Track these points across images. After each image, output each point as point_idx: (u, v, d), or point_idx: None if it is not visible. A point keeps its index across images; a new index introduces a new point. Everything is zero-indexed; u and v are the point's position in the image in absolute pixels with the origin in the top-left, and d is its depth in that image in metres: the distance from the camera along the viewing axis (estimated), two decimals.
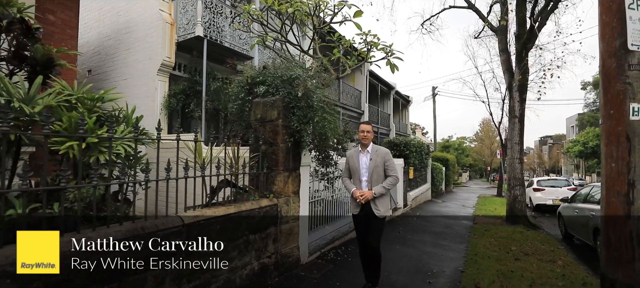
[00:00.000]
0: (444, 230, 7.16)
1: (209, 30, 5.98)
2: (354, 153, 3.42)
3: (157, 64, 5.77)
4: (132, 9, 6.40)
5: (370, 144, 3.36)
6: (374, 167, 3.25)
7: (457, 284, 3.80)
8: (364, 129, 3.35)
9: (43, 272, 1.77)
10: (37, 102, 2.96)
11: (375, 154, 3.31)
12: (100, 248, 1.97)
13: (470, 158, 47.27)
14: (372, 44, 6.01)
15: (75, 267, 1.90)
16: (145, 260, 2.20)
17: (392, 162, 3.36)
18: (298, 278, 3.64)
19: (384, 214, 3.26)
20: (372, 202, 3.19)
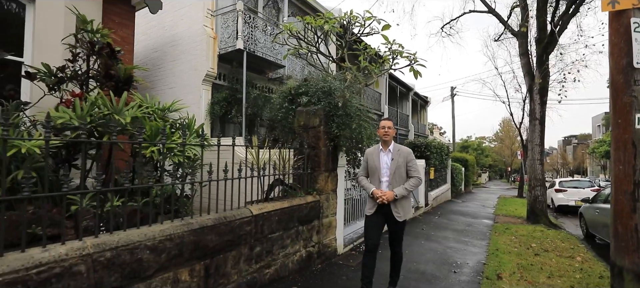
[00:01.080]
0: (465, 228, 7.50)
1: (247, 43, 6.58)
2: (373, 152, 3.24)
3: (202, 75, 6.42)
4: (177, 25, 7.09)
5: (392, 142, 3.19)
6: (396, 167, 3.06)
7: (480, 274, 4.20)
8: (385, 125, 3.16)
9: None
10: (124, 113, 3.59)
11: (397, 154, 3.11)
12: (198, 233, 2.53)
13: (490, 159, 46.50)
14: (397, 53, 6.47)
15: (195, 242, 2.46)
16: (227, 242, 2.76)
17: (415, 162, 3.18)
18: (337, 266, 4.14)
19: (405, 218, 3.08)
20: (392, 205, 3.00)
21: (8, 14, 4.47)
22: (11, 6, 4.46)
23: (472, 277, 4.06)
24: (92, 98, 3.46)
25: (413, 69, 6.58)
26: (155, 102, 4.19)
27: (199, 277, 2.49)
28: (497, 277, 4.07)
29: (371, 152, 3.28)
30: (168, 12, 6.88)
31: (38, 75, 3.79)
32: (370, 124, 4.34)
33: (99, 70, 3.95)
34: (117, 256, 1.98)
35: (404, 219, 3.09)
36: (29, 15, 4.53)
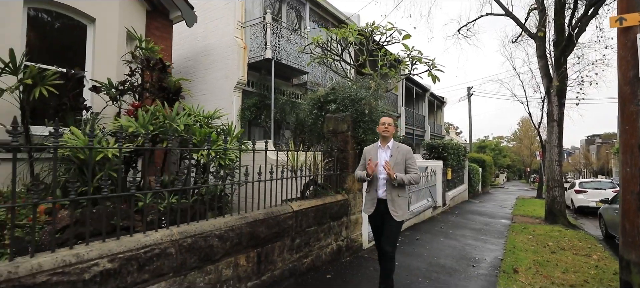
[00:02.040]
0: (482, 227, 7.74)
1: (274, 52, 7.05)
2: (372, 148, 3.23)
3: (233, 82, 6.93)
4: (209, 36, 7.64)
5: (391, 139, 3.17)
6: (394, 164, 3.02)
7: (497, 268, 4.50)
8: (386, 122, 3.13)
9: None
10: (177, 121, 4.09)
11: (396, 151, 3.10)
12: (252, 225, 2.98)
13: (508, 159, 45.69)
14: (416, 59, 6.81)
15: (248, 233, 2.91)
16: (274, 234, 3.20)
17: (414, 160, 3.13)
18: (364, 259, 4.54)
19: (402, 218, 3.03)
20: (389, 203, 2.98)
21: (72, 34, 5.08)
22: (75, 27, 5.07)
23: (490, 271, 4.38)
24: (152, 109, 3.98)
25: (432, 74, 6.90)
26: (201, 110, 4.70)
27: (252, 263, 2.95)
28: (514, 271, 4.37)
29: (369, 149, 3.26)
30: (200, 24, 7.43)
31: (102, 88, 4.36)
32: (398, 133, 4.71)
33: (152, 82, 4.50)
34: (195, 242, 2.45)
35: (401, 220, 3.02)
36: (90, 34, 5.13)
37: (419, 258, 4.74)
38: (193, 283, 2.42)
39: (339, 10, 10.66)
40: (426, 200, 8.61)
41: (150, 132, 3.73)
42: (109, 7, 5.24)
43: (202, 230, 2.52)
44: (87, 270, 1.86)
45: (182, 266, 2.36)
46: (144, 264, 2.13)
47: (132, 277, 2.06)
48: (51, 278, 1.73)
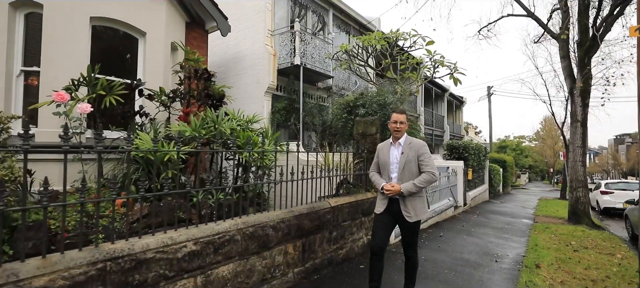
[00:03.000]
0: (504, 226, 7.89)
1: (302, 59, 7.47)
2: (384, 146, 3.10)
3: (264, 87, 7.39)
4: (240, 44, 8.14)
5: (403, 135, 2.99)
6: (405, 161, 2.85)
7: (519, 263, 4.74)
8: (397, 119, 2.95)
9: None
10: (223, 125, 4.55)
11: (407, 147, 2.91)
12: (298, 218, 3.38)
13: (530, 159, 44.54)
14: (438, 63, 7.07)
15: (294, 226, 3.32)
16: (315, 227, 3.59)
17: (428, 155, 2.90)
18: (391, 253, 4.86)
19: (416, 219, 2.79)
20: (401, 203, 2.79)
21: (126, 47, 5.66)
22: (129, 41, 5.64)
23: (512, 266, 4.62)
24: (202, 114, 4.46)
25: (453, 77, 7.15)
26: (241, 115, 5.16)
27: (298, 251, 3.35)
28: (536, 266, 4.59)
29: (382, 146, 3.13)
30: (232, 33, 7.93)
31: (155, 96, 4.88)
32: (418, 132, 5.01)
33: (199, 90, 4.99)
34: (255, 231, 2.87)
35: (416, 220, 2.81)
36: (141, 47, 5.69)
37: (443, 253, 5.03)
38: (253, 266, 2.84)
39: (360, 15, 10.98)
40: (448, 200, 8.82)
41: (203, 135, 4.21)
42: (157, 22, 5.79)
43: (260, 221, 2.94)
44: (179, 251, 2.30)
45: (245, 251, 2.78)
46: (218, 248, 2.56)
47: (209, 258, 2.49)
48: (155, 255, 2.18)
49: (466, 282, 3.86)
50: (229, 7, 8.10)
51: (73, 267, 1.81)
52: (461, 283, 3.81)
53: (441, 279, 3.90)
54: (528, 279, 4.05)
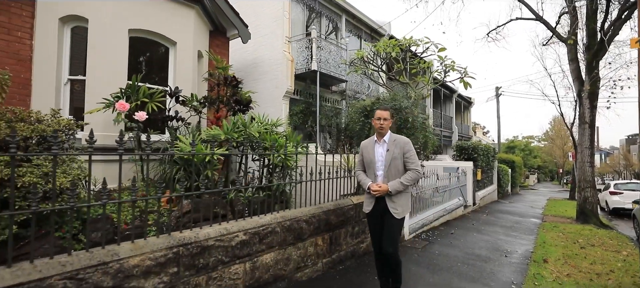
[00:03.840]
0: (513, 225, 8.15)
1: (319, 64, 7.85)
2: (368, 143, 3.04)
3: (282, 92, 7.79)
4: (258, 50, 8.54)
5: (388, 132, 2.95)
6: (391, 159, 2.83)
7: (528, 258, 5.04)
8: (381, 116, 2.88)
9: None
10: (251, 129, 4.92)
11: (392, 144, 2.88)
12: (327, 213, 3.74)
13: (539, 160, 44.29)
14: (449, 67, 7.39)
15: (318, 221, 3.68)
16: (340, 221, 3.96)
17: (413, 153, 2.90)
18: (407, 248, 5.21)
19: (402, 215, 2.84)
20: (388, 199, 2.80)
21: (159, 56, 6.10)
22: (161, 50, 6.07)
23: (521, 260, 4.92)
24: (233, 119, 4.85)
25: (464, 80, 7.45)
26: (266, 118, 5.55)
27: (327, 244, 3.72)
28: (543, 260, 4.89)
29: (366, 144, 3.07)
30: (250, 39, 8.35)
31: (188, 102, 5.29)
32: (433, 134, 5.35)
33: (228, 96, 5.39)
34: (291, 224, 3.25)
35: (402, 216, 2.86)
36: (172, 55, 6.12)
37: (455, 249, 5.35)
38: (290, 256, 3.22)
39: (371, 20, 11.32)
40: (458, 199, 9.10)
41: (234, 138, 4.60)
42: (186, 32, 6.21)
43: (295, 216, 3.31)
44: (232, 239, 2.69)
45: (284, 241, 3.16)
46: (263, 238, 2.94)
47: (255, 246, 2.88)
48: (215, 243, 2.56)
49: (478, 273, 4.19)
50: (248, 14, 8.51)
51: (156, 250, 2.21)
52: (474, 274, 4.14)
53: (455, 271, 4.23)
54: (536, 272, 4.36)
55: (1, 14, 4.83)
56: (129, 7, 5.42)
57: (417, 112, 5.19)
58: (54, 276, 1.77)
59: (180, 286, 2.32)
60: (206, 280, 2.48)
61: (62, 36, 5.20)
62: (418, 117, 5.20)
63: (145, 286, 2.12)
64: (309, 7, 9.22)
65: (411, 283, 3.72)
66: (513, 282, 3.97)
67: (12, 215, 1.83)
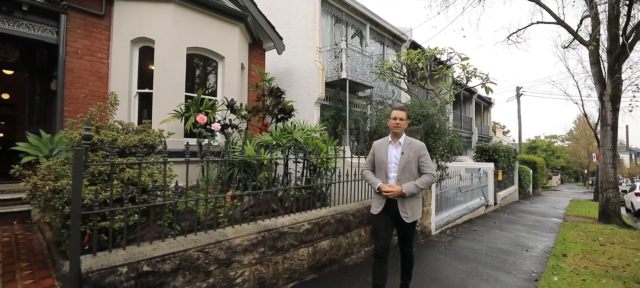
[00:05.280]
0: (534, 224, 8.50)
1: (348, 73, 8.46)
2: (382, 144, 2.98)
3: (314, 99, 8.45)
4: (291, 60, 9.24)
5: (403, 134, 2.92)
6: (405, 162, 2.79)
7: (547, 253, 5.48)
8: (397, 116, 2.85)
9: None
10: (296, 135, 5.56)
11: (407, 147, 2.84)
12: (368, 208, 4.35)
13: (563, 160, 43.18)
14: (471, 74, 7.85)
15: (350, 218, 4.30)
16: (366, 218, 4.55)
17: (428, 157, 2.88)
18: (434, 242, 5.75)
19: (413, 219, 2.81)
20: (400, 204, 2.77)
21: (210, 68, 6.86)
22: (212, 63, 6.84)
23: (541, 254, 5.38)
24: (280, 125, 5.53)
25: (485, 85, 7.89)
26: (306, 125, 6.21)
27: (368, 235, 4.33)
28: (563, 255, 5.33)
29: (379, 144, 3.02)
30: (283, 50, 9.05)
31: (238, 111, 6.02)
32: (459, 138, 5.86)
33: (273, 105, 6.09)
34: (342, 217, 3.88)
35: (413, 221, 2.83)
36: (220, 68, 6.87)
37: (479, 243, 5.85)
38: (341, 243, 3.85)
39: (394, 27, 11.83)
40: (479, 199, 9.51)
41: (283, 143, 5.28)
42: (232, 47, 6.97)
43: (344, 210, 3.95)
44: (300, 227, 3.35)
45: (336, 231, 3.80)
46: (321, 228, 3.59)
47: (315, 235, 3.53)
48: (288, 230, 3.23)
49: (501, 263, 4.70)
50: (281, 26, 9.23)
51: (250, 234, 2.89)
52: (497, 264, 4.65)
53: (480, 261, 4.75)
54: (555, 264, 4.82)
55: (86, 38, 5.70)
56: (187, 28, 6.20)
57: (443, 118, 5.72)
58: (191, 249, 2.47)
59: (265, 262, 2.99)
60: (282, 259, 3.15)
61: (132, 55, 6.03)
62: (444, 124, 5.73)
63: (244, 260, 2.80)
64: (336, 17, 9.85)
65: (442, 269, 4.28)
66: (533, 271, 4.47)
67: (139, 207, 2.55)
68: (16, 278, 2.76)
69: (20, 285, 2.65)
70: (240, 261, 2.77)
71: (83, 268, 1.98)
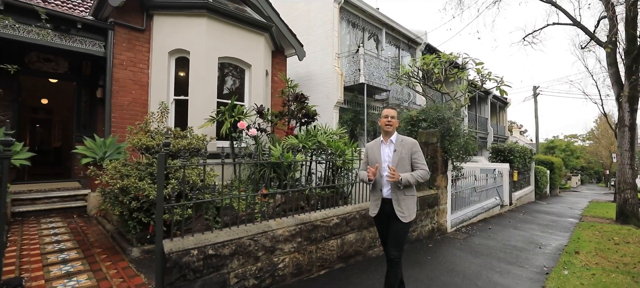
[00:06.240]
0: (549, 223, 8.67)
1: (366, 78, 8.86)
2: (374, 144, 3.00)
3: (333, 102, 8.88)
4: (310, 65, 9.70)
5: (394, 133, 2.92)
6: (398, 159, 2.80)
7: (560, 250, 5.73)
8: (388, 115, 2.85)
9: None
10: (320, 138, 5.99)
11: (400, 145, 2.85)
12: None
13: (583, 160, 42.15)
14: (486, 77, 8.11)
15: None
16: None
17: (421, 154, 2.90)
18: (449, 239, 6.08)
19: (409, 219, 2.78)
20: (395, 204, 2.76)
21: (238, 76, 7.38)
22: (239, 72, 7.36)
23: (554, 251, 5.64)
24: (305, 129, 5.97)
25: (499, 88, 8.14)
26: (328, 128, 6.65)
27: None
28: (575, 252, 5.57)
29: (371, 145, 3.04)
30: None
31: (265, 116, 6.50)
32: (474, 140, 6.16)
33: (297, 110, 6.56)
34: (365, 213, 4.30)
35: (409, 220, 2.80)
36: (247, 76, 7.39)
37: (493, 240, 6.14)
38: (364, 237, 4.27)
39: (409, 30, 12.13)
40: (494, 199, 9.72)
41: (309, 146, 5.73)
42: (258, 55, 7.47)
43: (367, 207, 4.36)
44: (330, 221, 3.78)
45: (360, 226, 4.21)
46: (348, 222, 4.01)
47: (343, 228, 3.95)
48: (320, 224, 3.67)
49: (514, 258, 5.01)
50: (301, 32, 9.70)
51: (290, 225, 3.34)
52: (510, 259, 4.96)
53: (494, 256, 5.08)
54: (567, 260, 5.09)
55: (130, 51, 6.31)
56: (219, 39, 6.74)
57: (459, 122, 6.03)
58: (244, 237, 2.94)
59: (302, 250, 3.44)
60: (315, 249, 3.59)
61: (170, 65, 6.61)
62: (459, 126, 6.05)
63: (285, 248, 3.25)
64: (353, 24, 10.25)
65: (458, 262, 4.64)
66: (544, 265, 4.76)
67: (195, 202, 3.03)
68: (97, 260, 3.30)
69: (102, 266, 3.18)
70: (282, 249, 3.22)
71: (166, 249, 2.46)
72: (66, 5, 6.84)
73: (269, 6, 7.91)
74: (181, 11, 6.45)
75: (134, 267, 3.22)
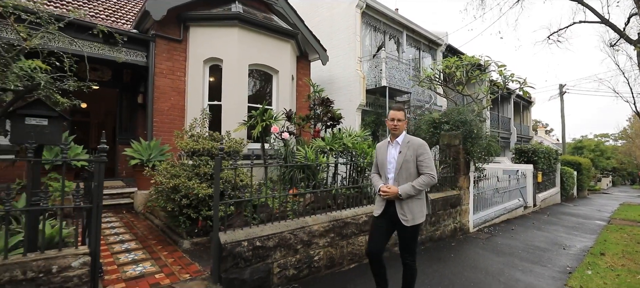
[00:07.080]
0: (575, 225, 8.59)
1: (388, 81, 9.08)
2: (382, 145, 2.94)
3: (356, 105, 9.16)
4: (333, 69, 10.02)
5: (402, 134, 2.81)
6: (402, 161, 2.68)
7: (585, 252, 5.77)
8: (394, 116, 2.75)
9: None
10: (346, 140, 6.29)
11: (405, 146, 2.73)
12: None
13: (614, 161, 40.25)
14: (508, 79, 8.16)
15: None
16: None
17: (428, 156, 2.72)
18: (471, 238, 6.24)
19: (413, 223, 2.67)
20: (397, 206, 2.67)
21: (265, 81, 7.80)
22: (267, 77, 7.77)
23: (579, 253, 5.69)
24: (331, 131, 6.30)
25: (522, 89, 8.16)
26: (352, 131, 6.94)
27: None
28: (601, 254, 5.60)
29: (380, 145, 2.98)
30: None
31: (293, 119, 6.87)
32: (497, 141, 6.29)
33: (323, 114, 6.90)
34: None
35: (414, 224, 2.69)
36: (275, 81, 7.79)
37: (516, 241, 6.24)
38: None
39: (429, 32, 12.22)
40: (517, 200, 9.70)
41: (336, 149, 6.05)
42: (285, 61, 7.86)
43: None
44: (359, 219, 4.09)
45: None
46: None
47: (368, 225, 4.24)
48: (350, 221, 3.98)
49: (537, 258, 5.13)
50: (324, 37, 10.04)
51: (324, 222, 3.67)
52: (533, 259, 5.09)
53: (516, 255, 5.22)
54: (591, 260, 5.16)
55: (169, 60, 6.84)
56: (249, 47, 7.18)
57: (481, 124, 6.18)
58: (285, 231, 3.30)
59: (334, 245, 3.77)
60: (346, 244, 3.91)
61: (204, 73, 7.10)
62: (481, 128, 6.19)
63: (320, 243, 3.59)
64: (374, 27, 10.48)
65: (480, 260, 4.82)
66: (568, 266, 4.87)
67: (235, 200, 3.40)
68: (154, 250, 3.75)
69: (160, 255, 3.63)
70: (317, 243, 3.56)
71: (222, 240, 2.85)
72: (110, 19, 7.48)
73: (294, 14, 8.29)
74: (215, 22, 6.93)
75: (188, 257, 3.65)
